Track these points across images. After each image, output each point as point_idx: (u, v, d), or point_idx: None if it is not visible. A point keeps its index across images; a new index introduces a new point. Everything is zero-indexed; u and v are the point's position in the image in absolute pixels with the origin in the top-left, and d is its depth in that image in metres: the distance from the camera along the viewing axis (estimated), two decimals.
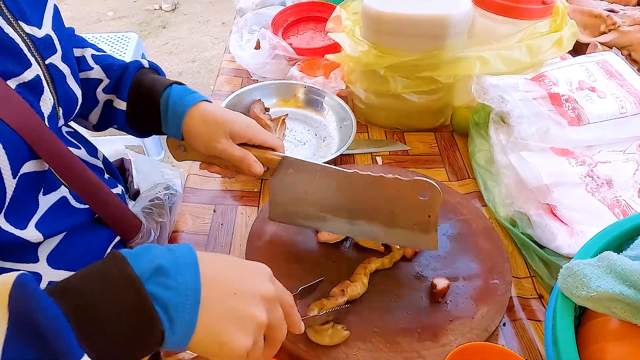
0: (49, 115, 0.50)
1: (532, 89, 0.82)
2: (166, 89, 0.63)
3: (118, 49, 2.04)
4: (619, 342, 0.45)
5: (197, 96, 0.63)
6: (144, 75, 0.66)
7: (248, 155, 0.61)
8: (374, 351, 0.57)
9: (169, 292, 0.37)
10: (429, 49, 0.85)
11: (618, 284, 0.45)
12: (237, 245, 0.73)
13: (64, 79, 0.54)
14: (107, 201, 0.57)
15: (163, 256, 0.38)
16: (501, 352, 0.52)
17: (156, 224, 0.66)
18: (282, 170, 0.63)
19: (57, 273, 0.52)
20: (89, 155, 0.61)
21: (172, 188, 0.72)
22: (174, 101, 0.62)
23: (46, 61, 0.51)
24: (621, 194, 0.72)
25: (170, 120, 0.63)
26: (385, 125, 0.98)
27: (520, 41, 0.86)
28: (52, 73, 0.52)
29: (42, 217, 0.50)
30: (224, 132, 0.60)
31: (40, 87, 0.49)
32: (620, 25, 1.09)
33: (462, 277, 0.66)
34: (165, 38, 3.18)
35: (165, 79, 0.66)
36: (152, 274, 0.37)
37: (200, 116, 0.61)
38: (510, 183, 0.77)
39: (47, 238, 0.51)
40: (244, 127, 0.61)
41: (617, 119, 0.79)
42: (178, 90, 0.63)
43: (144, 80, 0.65)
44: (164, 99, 0.63)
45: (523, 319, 0.65)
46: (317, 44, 1.16)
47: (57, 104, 0.53)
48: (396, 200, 0.60)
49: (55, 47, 0.53)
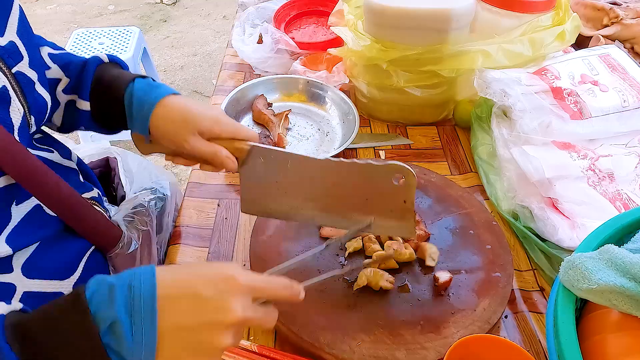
0: (19, 127, 0.49)
1: (535, 82, 0.82)
2: (129, 85, 0.60)
3: (120, 43, 2.04)
4: (620, 334, 0.46)
5: (162, 91, 0.60)
6: (105, 71, 0.63)
7: (219, 152, 0.58)
8: (377, 343, 0.58)
9: (124, 344, 0.38)
10: (432, 42, 0.85)
11: (619, 277, 0.45)
12: (241, 239, 0.74)
13: (33, 86, 0.53)
14: (83, 214, 0.56)
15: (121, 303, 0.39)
16: (503, 344, 0.52)
17: (139, 232, 0.64)
18: (251, 160, 0.60)
19: (32, 282, 0.51)
20: (62, 158, 0.60)
21: (159, 192, 0.70)
22: (138, 98, 0.59)
23: (13, 70, 0.49)
24: (622, 188, 0.73)
25: (136, 118, 0.60)
26: (387, 120, 0.98)
27: (522, 35, 0.86)
28: (20, 82, 0.50)
29: (14, 229, 0.49)
30: (192, 129, 0.57)
31: (7, 97, 0.48)
32: (623, 18, 1.08)
33: (464, 270, 0.67)
34: (167, 32, 3.18)
35: (127, 73, 0.63)
36: (109, 327, 0.38)
37: (167, 113, 0.58)
38: (512, 177, 0.78)
39: (16, 252, 0.50)
40: (212, 123, 0.58)
41: (619, 112, 0.79)
42: (141, 85, 0.60)
43: (105, 77, 0.62)
44: (127, 96, 0.60)
45: (524, 312, 0.65)
46: (320, 38, 1.16)
47: (27, 112, 0.51)
48: (370, 186, 0.58)
49: (21, 54, 0.51)
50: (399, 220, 0.59)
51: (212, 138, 0.58)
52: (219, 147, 0.58)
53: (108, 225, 0.60)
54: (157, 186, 0.70)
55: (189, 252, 0.72)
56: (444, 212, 0.75)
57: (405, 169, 0.55)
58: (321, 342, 0.58)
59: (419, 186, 0.80)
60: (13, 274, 0.51)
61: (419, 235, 0.69)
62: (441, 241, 0.71)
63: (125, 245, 0.61)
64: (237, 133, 0.59)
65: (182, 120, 0.57)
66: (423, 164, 0.86)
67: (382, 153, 0.91)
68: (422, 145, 0.93)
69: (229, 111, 0.93)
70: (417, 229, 0.70)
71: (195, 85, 2.70)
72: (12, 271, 0.51)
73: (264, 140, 0.91)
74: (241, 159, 0.60)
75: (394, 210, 0.59)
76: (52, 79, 0.63)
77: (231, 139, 0.59)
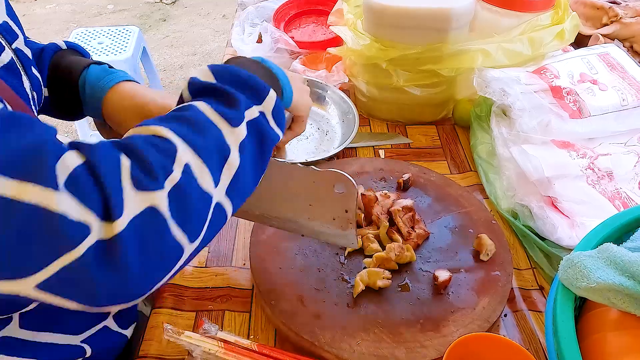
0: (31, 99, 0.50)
1: (534, 81, 0.82)
2: (83, 71, 0.61)
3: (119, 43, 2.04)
4: (619, 332, 0.46)
5: (116, 77, 0.60)
6: (62, 58, 0.63)
7: None
8: (377, 342, 0.58)
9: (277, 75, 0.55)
10: (431, 42, 0.85)
11: (618, 275, 0.45)
12: (241, 238, 0.74)
13: (30, 64, 0.53)
14: None
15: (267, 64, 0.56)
16: (502, 342, 0.53)
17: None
18: None
19: None
20: None
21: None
22: (91, 83, 0.60)
23: (12, 46, 0.50)
24: (622, 186, 0.73)
25: (89, 103, 0.60)
26: (387, 119, 0.98)
27: (522, 34, 0.86)
28: (20, 57, 0.51)
29: None
30: (143, 115, 0.58)
31: (17, 69, 0.49)
32: (622, 17, 1.09)
33: (464, 269, 0.67)
34: (166, 31, 3.18)
35: (83, 59, 0.63)
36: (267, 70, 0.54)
37: (118, 100, 0.59)
38: (512, 176, 0.78)
39: None
40: (162, 109, 0.58)
41: (619, 111, 0.79)
42: (95, 71, 0.61)
43: (61, 64, 0.62)
44: (81, 81, 0.61)
45: (524, 310, 0.66)
46: (319, 37, 1.16)
47: (31, 88, 0.52)
48: (312, 192, 0.57)
49: (15, 33, 0.52)
50: (340, 229, 0.59)
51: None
52: None
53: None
54: None
55: None
56: (443, 211, 0.75)
57: (345, 177, 0.55)
58: (321, 341, 0.58)
59: (419, 185, 0.80)
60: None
61: (418, 235, 0.69)
62: (440, 240, 0.71)
63: None
64: None
65: (133, 106, 0.58)
66: (422, 163, 0.87)
67: (382, 152, 0.91)
68: (422, 144, 0.93)
69: None
70: (417, 228, 0.70)
71: None
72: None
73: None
74: None
75: (336, 219, 0.58)
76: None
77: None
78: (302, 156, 0.89)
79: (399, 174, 0.81)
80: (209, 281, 0.68)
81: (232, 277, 0.69)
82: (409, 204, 0.72)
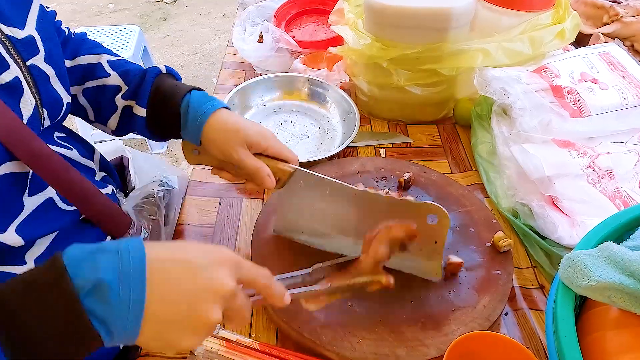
0: (30, 117, 0.50)
1: (534, 81, 0.82)
2: (185, 96, 0.63)
3: (120, 42, 2.04)
4: (619, 331, 0.46)
5: (216, 103, 0.63)
6: (163, 81, 0.66)
7: (262, 168, 0.61)
8: (378, 340, 0.58)
9: (108, 307, 0.35)
10: (432, 41, 0.85)
11: (618, 274, 0.45)
12: (243, 237, 0.74)
13: (48, 80, 0.54)
14: (94, 201, 0.57)
15: (107, 266, 0.36)
16: (503, 341, 0.53)
17: (148, 221, 0.65)
18: (292, 183, 0.62)
19: None
20: (80, 156, 0.61)
21: (167, 184, 0.71)
22: (194, 108, 0.62)
23: (27, 62, 0.51)
24: (622, 185, 0.73)
25: (190, 127, 0.63)
26: (388, 118, 0.99)
27: (522, 33, 0.86)
28: (34, 74, 0.51)
29: (25, 219, 0.49)
30: (241, 140, 0.60)
31: (20, 88, 0.49)
32: (623, 16, 1.09)
33: (465, 268, 0.67)
34: (167, 30, 3.17)
35: (184, 85, 0.66)
36: (92, 289, 0.35)
37: (219, 124, 0.61)
38: (513, 175, 0.78)
39: (28, 242, 0.50)
40: (261, 137, 0.61)
41: (619, 110, 0.79)
42: (197, 96, 0.63)
43: (163, 87, 0.65)
44: (183, 106, 0.63)
45: (524, 309, 0.66)
46: (320, 36, 1.16)
47: (40, 105, 0.52)
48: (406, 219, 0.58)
49: (37, 48, 0.52)
50: (426, 259, 0.60)
51: (257, 154, 0.62)
52: (263, 164, 0.61)
53: (118, 212, 0.61)
54: (165, 179, 0.72)
55: None
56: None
57: (442, 210, 0.57)
58: (322, 340, 0.58)
59: (419, 184, 0.80)
60: (25, 267, 0.51)
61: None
62: None
63: (135, 233, 0.62)
64: (281, 153, 0.62)
65: (233, 130, 0.61)
66: (423, 162, 0.87)
67: (383, 151, 0.91)
68: (423, 143, 0.94)
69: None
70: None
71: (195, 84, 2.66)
72: (25, 264, 0.51)
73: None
74: (282, 180, 0.62)
75: (423, 249, 0.60)
76: (112, 85, 0.66)
77: (275, 158, 0.62)
78: (303, 155, 0.89)
79: (400, 173, 0.81)
80: None
81: None
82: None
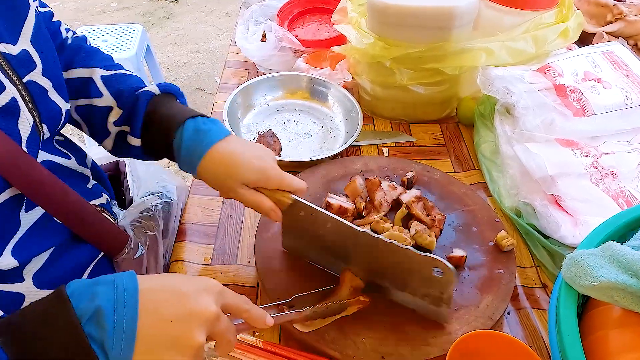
0: (28, 137, 0.49)
1: (538, 80, 0.82)
2: (178, 130, 0.60)
3: (123, 41, 2.05)
4: (622, 330, 0.46)
5: (210, 139, 0.59)
6: (156, 108, 0.62)
7: (262, 204, 0.59)
8: (381, 339, 0.58)
9: (104, 331, 0.40)
10: (435, 40, 0.85)
11: (621, 274, 0.45)
12: (246, 236, 0.75)
13: (46, 94, 0.52)
14: (89, 221, 0.56)
15: (104, 295, 0.41)
16: (505, 340, 0.53)
17: (145, 237, 0.64)
18: (293, 212, 0.61)
19: (42, 293, 0.50)
20: (78, 165, 0.60)
21: (165, 196, 0.70)
22: (187, 148, 0.59)
23: (24, 79, 0.49)
24: (625, 185, 0.73)
25: (184, 164, 0.61)
26: (391, 117, 0.99)
27: (525, 32, 0.86)
28: (32, 91, 0.50)
29: (21, 238, 0.49)
30: (237, 182, 0.58)
31: (17, 109, 0.47)
32: (627, 14, 1.08)
33: (467, 267, 0.67)
34: (169, 29, 3.18)
35: (178, 112, 0.62)
36: (91, 316, 0.40)
37: (213, 166, 0.59)
38: (516, 174, 0.78)
39: (22, 264, 0.50)
40: (258, 176, 0.58)
41: (623, 109, 0.79)
42: (189, 134, 0.60)
43: (156, 117, 0.62)
44: (176, 142, 0.60)
45: (527, 308, 0.66)
46: (323, 35, 1.16)
47: (38, 121, 0.51)
48: (408, 270, 0.58)
49: (34, 63, 0.50)
50: (433, 305, 0.60)
51: (257, 187, 0.59)
52: (262, 199, 0.59)
53: (115, 230, 0.60)
54: (163, 190, 0.71)
55: (195, 249, 0.72)
56: (447, 209, 0.76)
57: (446, 266, 0.55)
58: (326, 338, 0.58)
59: (422, 183, 0.80)
60: (23, 284, 0.50)
61: (439, 220, 0.71)
62: (444, 238, 0.71)
63: (131, 250, 0.61)
64: (281, 184, 0.60)
65: (228, 174, 0.58)
66: (426, 161, 0.87)
67: (386, 150, 0.91)
68: (425, 142, 0.94)
69: (232, 109, 0.93)
70: (434, 213, 0.72)
71: (198, 83, 2.71)
72: (23, 281, 0.50)
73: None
74: (284, 209, 0.61)
75: (429, 297, 0.59)
76: (104, 107, 0.63)
77: (275, 189, 0.60)
78: (307, 154, 0.89)
79: (403, 172, 0.81)
80: (214, 278, 0.68)
81: (237, 274, 0.69)
82: (417, 193, 0.73)
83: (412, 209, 0.71)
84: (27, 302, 0.50)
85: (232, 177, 0.58)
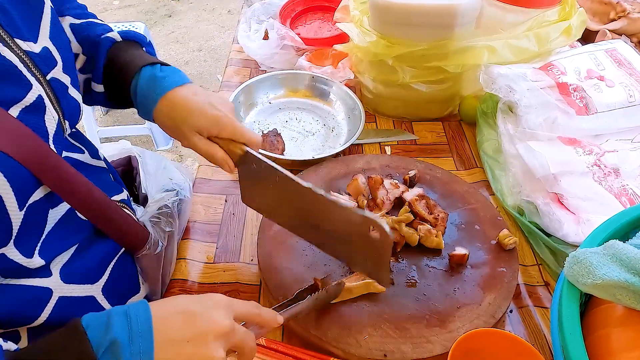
0: (54, 134, 0.49)
1: (540, 78, 0.82)
2: (135, 76, 0.60)
3: None
4: (624, 328, 0.46)
5: (166, 85, 0.59)
6: (117, 54, 0.62)
7: (215, 154, 0.59)
8: (384, 337, 0.59)
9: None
10: (437, 38, 0.85)
11: (623, 272, 0.46)
12: (249, 234, 0.75)
13: (66, 90, 0.53)
14: (113, 217, 0.57)
15: (118, 326, 0.42)
16: (508, 338, 0.53)
17: (164, 233, 0.65)
18: (246, 164, 0.60)
19: (68, 287, 0.52)
20: (91, 158, 0.60)
21: (180, 194, 0.71)
22: (142, 93, 0.60)
23: (47, 76, 0.49)
24: (628, 183, 0.73)
25: (141, 110, 0.61)
26: (393, 115, 0.99)
27: (528, 30, 0.86)
28: (55, 88, 0.50)
29: (47, 235, 0.49)
30: (190, 128, 0.58)
31: (43, 106, 0.48)
32: (630, 12, 1.08)
33: (470, 265, 0.67)
34: (172, 27, 3.18)
35: (137, 58, 0.62)
36: (107, 348, 0.41)
37: (167, 111, 0.59)
38: (518, 172, 0.78)
39: (48, 263, 0.50)
40: (211, 123, 0.58)
41: (626, 107, 0.79)
42: (145, 81, 0.60)
43: (116, 63, 0.62)
44: (132, 88, 0.61)
45: (529, 306, 0.66)
46: (325, 34, 1.16)
47: (62, 118, 0.51)
48: (349, 228, 0.55)
49: (55, 60, 0.51)
50: (374, 266, 0.58)
51: (211, 136, 0.59)
52: (216, 149, 0.59)
53: (136, 227, 0.61)
54: (178, 188, 0.71)
55: (198, 247, 0.73)
56: (449, 207, 0.76)
57: (381, 227, 0.51)
58: (328, 336, 0.58)
59: (425, 181, 0.80)
60: (51, 279, 0.51)
61: (442, 218, 0.71)
62: (447, 236, 0.71)
63: (152, 246, 0.62)
64: (235, 135, 0.59)
65: (181, 119, 0.58)
66: (429, 160, 0.87)
67: (388, 149, 0.91)
68: (428, 140, 0.94)
69: (235, 108, 0.93)
70: (437, 211, 0.72)
71: (200, 81, 2.71)
72: (51, 275, 0.51)
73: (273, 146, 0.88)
74: (236, 160, 0.60)
75: (370, 258, 0.57)
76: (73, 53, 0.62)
77: (229, 139, 0.59)
78: (309, 153, 0.90)
79: (405, 171, 0.81)
80: (217, 277, 0.69)
81: (240, 272, 0.70)
82: (420, 192, 0.73)
83: (414, 207, 0.71)
84: (54, 297, 0.51)
85: (186, 122, 0.58)
